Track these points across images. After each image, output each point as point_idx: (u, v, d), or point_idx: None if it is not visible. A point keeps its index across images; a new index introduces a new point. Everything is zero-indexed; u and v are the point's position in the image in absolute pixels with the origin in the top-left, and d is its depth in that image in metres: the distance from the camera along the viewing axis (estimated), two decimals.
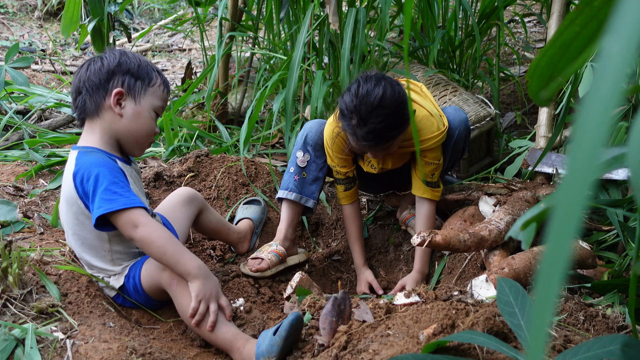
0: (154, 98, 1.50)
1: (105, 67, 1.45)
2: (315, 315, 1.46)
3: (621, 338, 0.84)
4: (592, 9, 0.58)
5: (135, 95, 1.47)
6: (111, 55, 1.48)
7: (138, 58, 1.50)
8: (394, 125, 1.60)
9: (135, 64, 1.47)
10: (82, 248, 1.46)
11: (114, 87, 1.45)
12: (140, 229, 1.33)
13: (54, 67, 4.08)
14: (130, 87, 1.46)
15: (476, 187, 1.95)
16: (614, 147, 0.80)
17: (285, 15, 2.69)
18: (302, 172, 1.90)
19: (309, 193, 1.91)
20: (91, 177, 1.36)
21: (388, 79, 1.63)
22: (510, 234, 1.00)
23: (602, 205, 1.59)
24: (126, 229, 1.34)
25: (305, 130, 1.90)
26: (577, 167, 0.34)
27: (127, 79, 1.46)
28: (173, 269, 1.38)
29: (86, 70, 1.46)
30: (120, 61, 1.46)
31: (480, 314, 1.12)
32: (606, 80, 0.35)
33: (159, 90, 1.51)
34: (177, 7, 5.44)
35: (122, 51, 1.50)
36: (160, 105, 1.52)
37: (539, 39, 3.93)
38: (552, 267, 0.34)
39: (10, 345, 1.15)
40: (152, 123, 1.50)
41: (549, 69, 0.66)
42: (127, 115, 1.46)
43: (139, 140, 1.50)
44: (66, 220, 1.46)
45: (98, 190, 1.34)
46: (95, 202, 1.33)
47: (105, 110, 1.45)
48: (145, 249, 1.36)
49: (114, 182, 1.36)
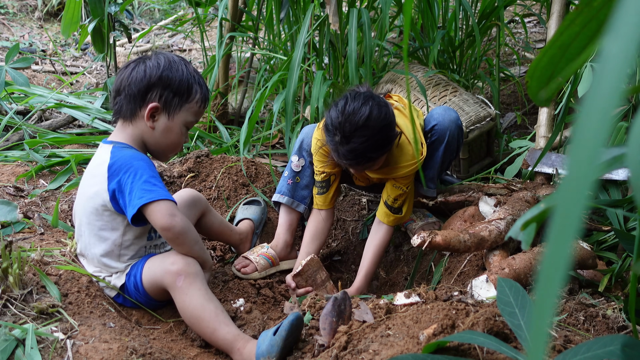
0: (188, 114, 1.51)
1: (146, 78, 1.46)
2: (316, 316, 1.46)
3: (621, 338, 0.84)
4: (591, 10, 0.58)
5: (170, 111, 1.48)
6: (155, 64, 1.47)
7: (182, 71, 1.49)
8: (376, 147, 1.58)
9: (177, 79, 1.47)
10: (94, 239, 1.47)
11: (151, 100, 1.46)
12: (179, 218, 1.40)
13: (54, 67, 4.08)
14: (167, 103, 1.47)
15: (476, 187, 1.95)
16: (614, 147, 0.80)
17: (286, 16, 2.69)
18: (296, 176, 1.90)
19: (301, 198, 1.91)
20: (130, 169, 1.39)
21: (376, 99, 1.60)
22: (510, 234, 1.00)
23: (602, 205, 1.59)
24: (162, 216, 1.37)
25: (302, 135, 1.90)
26: (577, 167, 0.34)
27: (166, 93, 1.47)
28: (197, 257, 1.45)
29: (129, 75, 1.47)
30: (162, 75, 1.46)
31: (480, 314, 1.12)
32: (606, 80, 0.35)
33: (195, 106, 1.52)
34: (178, 8, 5.44)
35: (170, 61, 1.48)
36: (193, 120, 1.54)
37: (539, 39, 3.93)
38: (552, 267, 0.34)
39: (10, 346, 1.15)
40: (181, 137, 1.53)
41: (548, 69, 0.66)
42: (159, 129, 1.49)
43: (165, 151, 1.55)
44: (83, 209, 1.47)
45: (137, 183, 1.37)
46: (135, 194, 1.37)
47: (139, 119, 1.48)
48: (179, 238, 1.40)
49: (153, 176, 1.41)
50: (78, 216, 1.52)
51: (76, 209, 1.54)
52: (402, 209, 1.82)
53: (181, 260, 1.42)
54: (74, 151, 2.29)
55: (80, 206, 1.50)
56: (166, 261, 1.43)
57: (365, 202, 2.22)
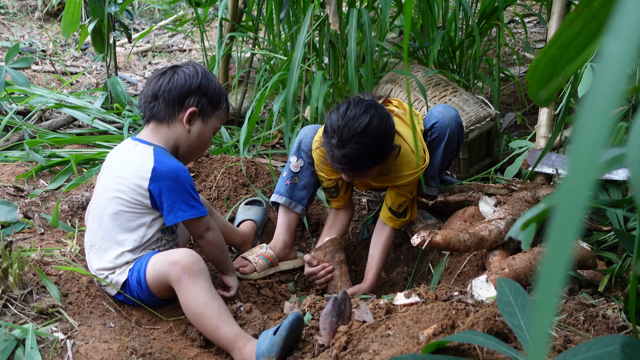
0: (217, 120, 1.65)
1: (187, 84, 1.57)
2: (316, 316, 1.46)
3: (621, 338, 0.84)
4: (591, 10, 0.58)
5: (205, 116, 1.61)
6: (194, 72, 1.59)
7: (215, 82, 1.64)
8: (370, 156, 1.59)
9: (212, 88, 1.61)
10: (119, 228, 1.50)
11: (190, 104, 1.57)
12: (211, 232, 1.58)
13: (54, 67, 4.08)
14: (203, 108, 1.60)
15: (476, 187, 1.95)
16: (614, 147, 0.80)
17: (286, 16, 2.69)
18: (295, 177, 1.90)
19: (298, 199, 1.91)
20: (176, 179, 1.50)
21: (379, 109, 1.61)
22: (510, 234, 1.00)
23: (602, 205, 1.59)
24: (200, 230, 1.56)
25: (301, 136, 1.90)
26: (577, 167, 0.34)
27: (203, 100, 1.59)
28: (223, 264, 1.64)
29: (168, 81, 1.57)
30: (201, 83, 1.58)
31: (480, 314, 1.12)
32: (606, 80, 0.35)
33: (222, 114, 1.67)
34: (178, 8, 5.44)
35: (205, 71, 1.61)
36: (219, 126, 1.68)
37: (539, 39, 3.93)
38: (552, 267, 0.34)
39: (10, 346, 1.15)
40: (209, 141, 1.67)
41: (548, 69, 0.66)
42: (194, 132, 1.60)
43: (194, 154, 1.68)
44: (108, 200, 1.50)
45: (183, 196, 1.50)
46: (179, 206, 1.50)
47: (177, 122, 1.58)
48: (210, 248, 1.59)
49: (193, 188, 1.54)
50: (101, 206, 1.52)
51: (99, 200, 1.53)
52: (406, 213, 1.85)
53: (186, 257, 1.42)
54: (74, 151, 2.29)
55: (107, 197, 1.51)
56: (171, 258, 1.43)
57: (365, 202, 2.22)
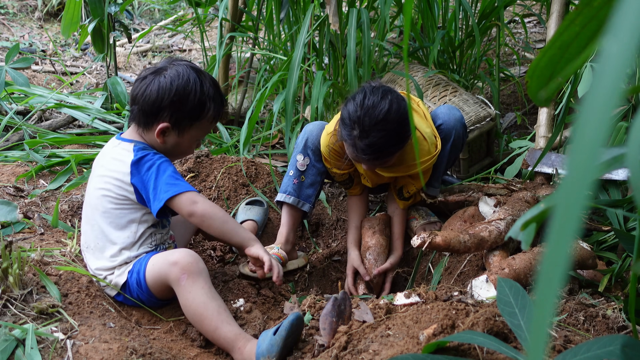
0: (198, 131, 1.55)
1: (158, 99, 1.47)
2: (316, 316, 1.46)
3: (621, 338, 0.84)
4: (591, 10, 0.58)
5: (180, 130, 1.52)
6: (168, 84, 1.47)
7: (196, 92, 1.49)
8: (394, 142, 1.58)
9: (190, 102, 1.48)
10: (110, 227, 1.49)
11: (162, 118, 1.49)
12: (200, 205, 1.45)
13: (54, 67, 4.08)
14: (178, 123, 1.51)
15: (476, 187, 1.95)
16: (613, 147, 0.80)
17: (286, 16, 2.69)
18: (301, 175, 1.89)
19: (306, 197, 1.90)
20: (153, 166, 1.46)
21: (394, 93, 1.60)
22: (510, 235, 1.00)
23: (602, 205, 1.59)
24: (186, 206, 1.44)
25: (306, 133, 1.88)
26: (577, 167, 0.34)
27: (177, 115, 1.49)
28: (234, 236, 1.51)
29: (144, 91, 1.49)
30: (174, 99, 1.47)
31: (480, 314, 1.12)
32: (606, 80, 0.35)
33: (206, 123, 1.55)
34: (178, 8, 5.44)
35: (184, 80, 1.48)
36: (204, 134, 1.59)
37: (539, 39, 3.93)
38: (552, 267, 0.34)
39: (10, 346, 1.15)
40: (190, 148, 1.59)
41: (548, 69, 0.66)
42: (168, 144, 1.54)
43: (174, 157, 1.61)
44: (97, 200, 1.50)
45: (162, 178, 1.45)
46: (160, 188, 1.44)
47: (152, 131, 1.52)
48: (206, 222, 1.47)
49: (175, 172, 1.49)
50: (92, 207, 1.52)
51: (89, 200, 1.54)
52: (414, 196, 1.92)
53: (185, 258, 1.42)
54: (74, 151, 2.29)
55: (95, 197, 1.51)
56: (170, 258, 1.43)
57: None
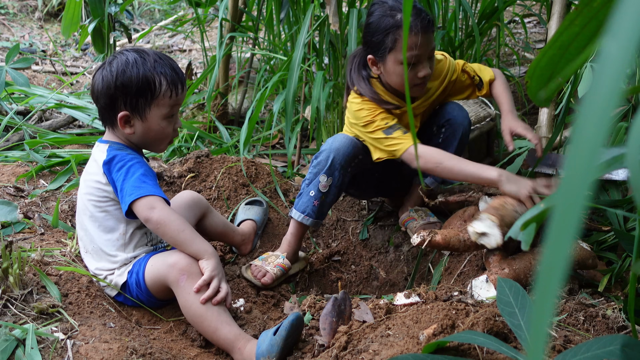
0: (160, 108, 1.47)
1: (105, 89, 1.44)
2: (316, 316, 1.46)
3: (621, 338, 0.84)
4: (591, 10, 0.58)
5: (141, 113, 1.46)
6: (109, 72, 1.44)
7: (137, 70, 1.44)
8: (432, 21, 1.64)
9: (134, 81, 1.43)
10: (100, 231, 1.49)
11: (119, 109, 1.46)
12: (157, 211, 1.39)
13: (54, 67, 4.08)
14: (134, 107, 1.46)
15: (476, 187, 1.94)
16: (613, 147, 0.80)
17: (286, 16, 2.69)
18: (322, 196, 1.81)
19: (322, 215, 1.85)
20: (123, 168, 1.43)
21: None
22: (510, 234, 1.00)
23: (602, 205, 1.59)
24: (143, 210, 1.39)
25: (332, 152, 1.74)
26: (576, 167, 0.34)
27: (129, 99, 1.45)
28: (188, 247, 1.42)
29: (95, 86, 1.47)
30: (117, 83, 1.43)
31: (480, 314, 1.12)
32: (606, 80, 0.35)
33: (165, 99, 1.47)
34: (178, 8, 5.44)
35: (122, 63, 1.44)
36: (170, 111, 1.49)
37: (539, 39, 3.93)
38: (552, 267, 0.34)
39: (11, 346, 1.15)
40: (165, 129, 1.51)
41: (548, 69, 0.66)
42: (138, 132, 1.49)
43: (156, 144, 1.54)
44: (85, 204, 1.50)
45: (129, 180, 1.40)
46: (126, 191, 1.40)
47: (120, 127, 1.48)
48: (161, 229, 1.40)
49: (144, 174, 1.43)
50: (81, 212, 1.53)
51: (79, 205, 1.55)
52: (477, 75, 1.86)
53: (184, 259, 1.42)
54: (74, 151, 2.29)
55: (82, 202, 1.52)
56: (169, 260, 1.43)
57: (365, 202, 2.22)
